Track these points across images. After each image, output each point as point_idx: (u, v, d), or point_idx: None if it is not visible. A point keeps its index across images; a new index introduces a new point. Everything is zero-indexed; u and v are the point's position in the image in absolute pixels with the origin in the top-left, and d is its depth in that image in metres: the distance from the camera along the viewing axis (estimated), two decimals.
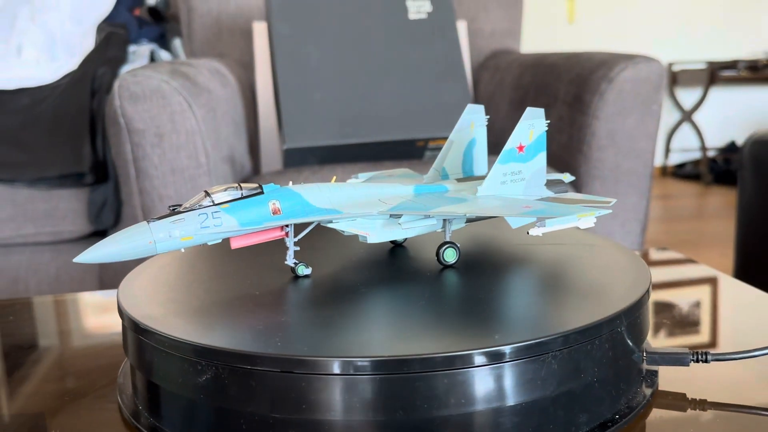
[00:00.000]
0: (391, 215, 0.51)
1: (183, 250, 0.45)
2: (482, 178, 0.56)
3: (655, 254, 0.88)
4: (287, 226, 0.49)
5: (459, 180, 0.57)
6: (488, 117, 0.59)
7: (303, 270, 0.51)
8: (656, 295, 0.69)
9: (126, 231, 0.43)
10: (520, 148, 0.54)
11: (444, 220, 0.52)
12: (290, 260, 0.51)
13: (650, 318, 0.59)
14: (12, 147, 1.33)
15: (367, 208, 0.51)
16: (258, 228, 0.47)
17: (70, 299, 0.78)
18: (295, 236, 0.50)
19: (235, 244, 0.48)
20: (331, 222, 0.51)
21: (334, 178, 0.57)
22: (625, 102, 1.20)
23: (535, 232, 0.47)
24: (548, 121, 0.55)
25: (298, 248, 0.51)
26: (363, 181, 0.57)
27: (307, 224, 0.51)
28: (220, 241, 0.47)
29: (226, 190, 0.47)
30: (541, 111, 0.54)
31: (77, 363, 0.60)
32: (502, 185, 0.53)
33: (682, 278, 0.79)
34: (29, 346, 0.65)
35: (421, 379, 0.38)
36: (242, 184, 0.47)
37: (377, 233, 0.51)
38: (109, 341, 0.65)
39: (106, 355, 0.60)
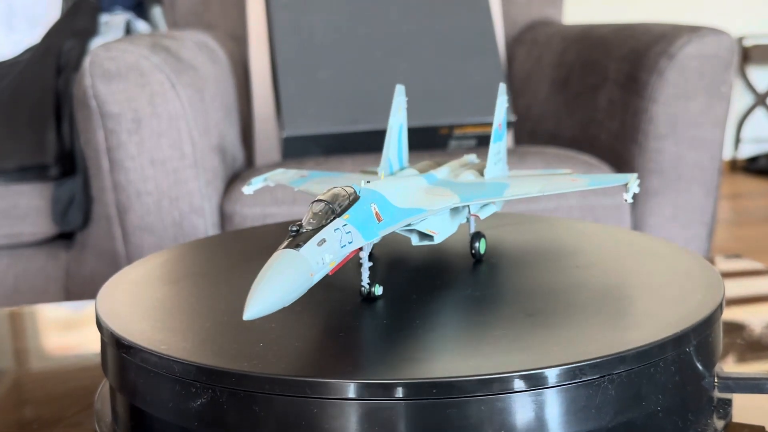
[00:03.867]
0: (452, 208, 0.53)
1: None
2: (442, 164, 0.59)
3: (724, 263, 0.88)
4: None
5: (422, 169, 0.59)
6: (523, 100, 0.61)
7: (378, 290, 0.49)
8: (728, 312, 0.69)
9: (278, 268, 0.40)
10: (499, 126, 0.59)
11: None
12: (365, 281, 0.49)
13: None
14: None
15: (431, 202, 0.50)
16: (374, 240, 0.45)
17: (33, 312, 0.79)
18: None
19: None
20: (409, 225, 0.49)
21: (382, 174, 0.55)
22: (688, 83, 1.20)
23: (628, 199, 0.50)
24: (506, 97, 0.61)
25: (371, 263, 0.49)
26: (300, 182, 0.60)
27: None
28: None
29: (333, 197, 0.44)
30: (504, 86, 0.60)
31: (44, 386, 0.60)
32: (495, 165, 0.58)
33: (757, 292, 0.79)
34: None
35: (454, 406, 0.38)
36: (343, 187, 0.45)
37: (444, 230, 0.53)
38: (80, 360, 0.66)
39: (78, 377, 0.61)
